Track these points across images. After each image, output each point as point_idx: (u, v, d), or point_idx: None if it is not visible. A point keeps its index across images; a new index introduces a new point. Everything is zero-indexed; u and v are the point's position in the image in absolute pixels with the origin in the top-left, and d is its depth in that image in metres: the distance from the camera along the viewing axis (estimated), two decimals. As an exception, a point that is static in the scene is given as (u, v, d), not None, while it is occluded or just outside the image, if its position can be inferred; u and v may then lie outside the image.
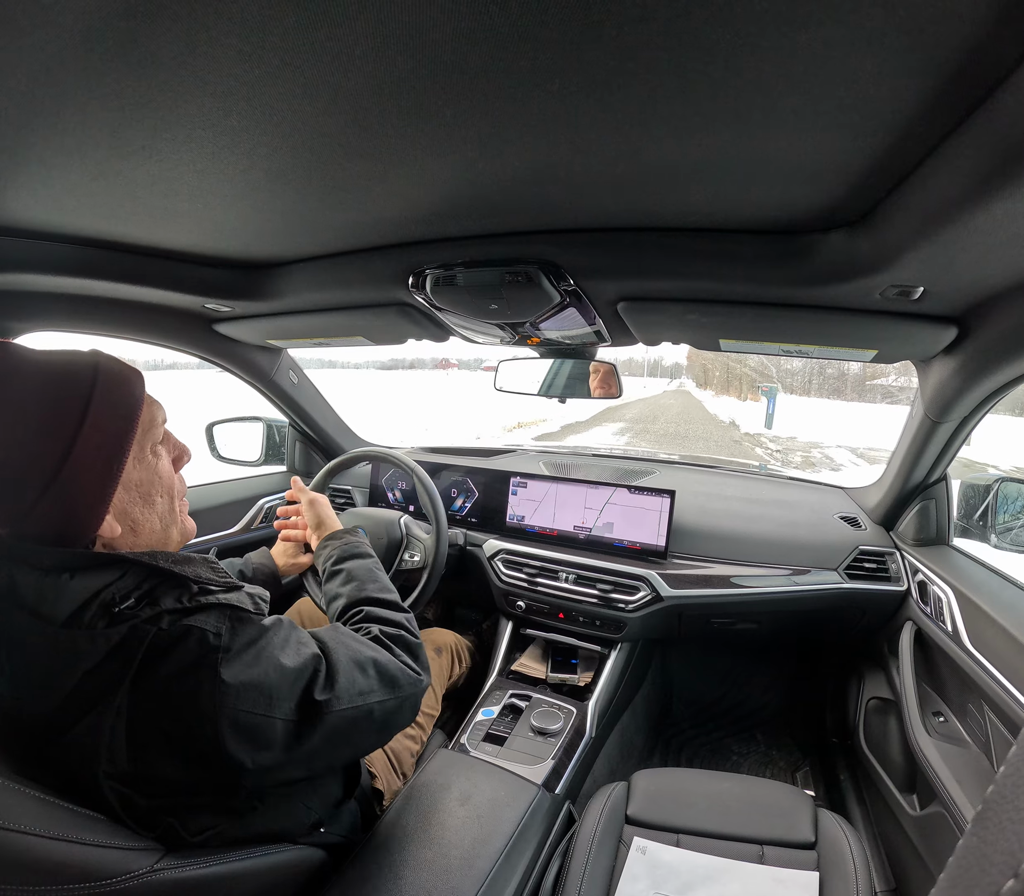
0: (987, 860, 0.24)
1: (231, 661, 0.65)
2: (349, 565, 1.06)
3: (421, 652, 0.93)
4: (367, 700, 0.78)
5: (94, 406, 0.66)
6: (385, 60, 0.50)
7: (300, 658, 0.73)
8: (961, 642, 1.18)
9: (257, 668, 0.67)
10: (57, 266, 1.11)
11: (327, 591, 1.05)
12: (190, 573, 0.70)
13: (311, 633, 0.82)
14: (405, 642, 0.91)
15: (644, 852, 1.01)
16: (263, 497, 1.99)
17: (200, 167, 0.74)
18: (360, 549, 1.11)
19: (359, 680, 0.78)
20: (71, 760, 0.62)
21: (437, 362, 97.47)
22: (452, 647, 1.66)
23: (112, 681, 0.62)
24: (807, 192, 0.74)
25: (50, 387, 0.65)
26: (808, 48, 0.46)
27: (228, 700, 0.64)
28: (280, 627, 0.75)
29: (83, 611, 0.63)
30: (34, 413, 0.64)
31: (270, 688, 0.68)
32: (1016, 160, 0.52)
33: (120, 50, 0.49)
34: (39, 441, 0.63)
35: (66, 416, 0.64)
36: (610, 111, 0.57)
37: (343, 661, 0.78)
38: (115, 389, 0.68)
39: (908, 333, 1.04)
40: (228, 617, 0.69)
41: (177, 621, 0.65)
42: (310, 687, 0.72)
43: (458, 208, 0.88)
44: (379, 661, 0.83)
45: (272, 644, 0.71)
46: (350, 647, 0.82)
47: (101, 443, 0.66)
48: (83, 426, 0.65)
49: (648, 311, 1.14)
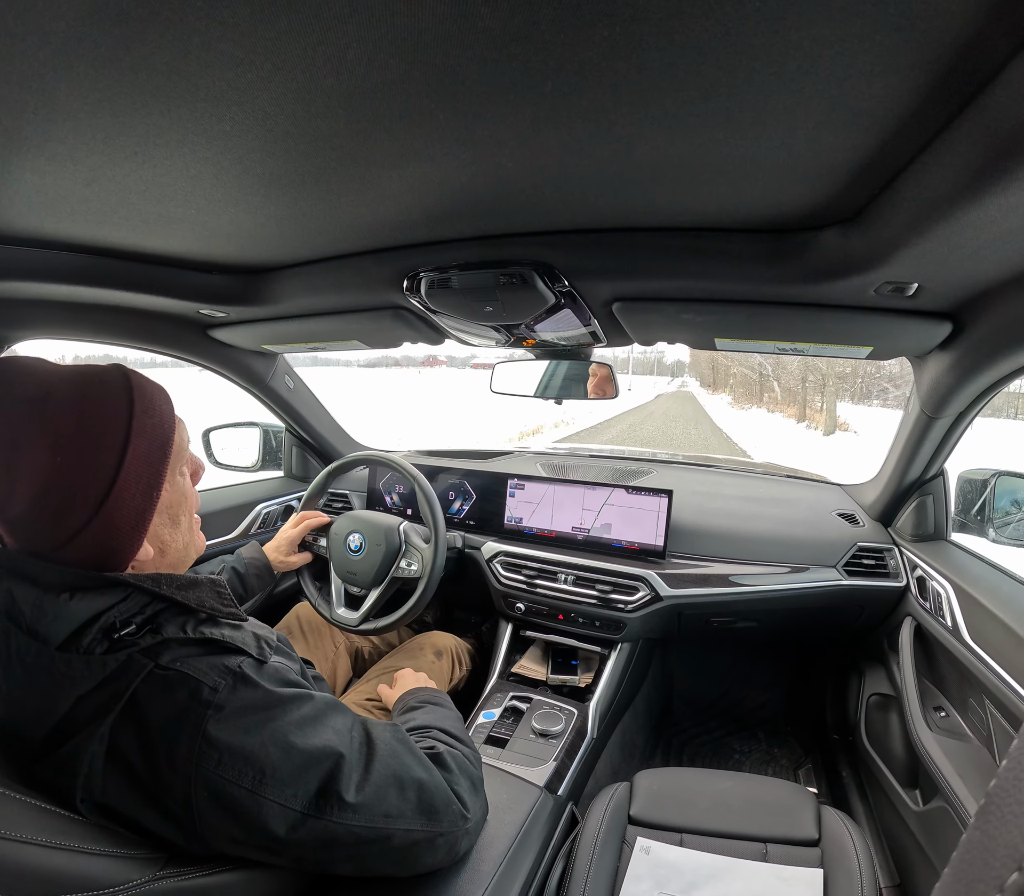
0: (991, 854, 0.24)
1: (221, 721, 0.60)
2: (434, 707, 1.04)
3: (481, 788, 0.86)
4: (390, 825, 0.69)
5: (136, 422, 0.65)
6: (377, 63, 0.50)
7: (322, 743, 0.66)
8: (961, 637, 1.18)
9: (253, 738, 0.62)
10: (51, 273, 1.11)
11: (404, 718, 0.99)
12: (193, 601, 0.67)
13: (364, 722, 0.74)
14: (469, 771, 0.83)
15: (648, 852, 1.01)
16: (260, 503, 1.99)
17: (193, 172, 0.74)
18: (450, 703, 1.08)
19: (391, 799, 0.69)
20: (55, 781, 0.60)
21: (424, 359, 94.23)
22: (452, 650, 1.66)
23: (102, 709, 0.59)
24: (800, 190, 0.74)
25: (91, 389, 0.64)
26: (799, 46, 0.46)
27: (208, 761, 0.59)
28: (307, 703, 0.68)
29: (81, 634, 0.61)
30: (80, 427, 0.62)
31: (264, 764, 0.61)
32: (1008, 155, 0.52)
33: (112, 56, 0.49)
34: (90, 454, 0.62)
35: (113, 429, 0.63)
36: (602, 111, 0.57)
37: (383, 772, 0.69)
38: (150, 408, 0.67)
39: (903, 329, 1.05)
40: (231, 673, 0.64)
41: (176, 661, 0.62)
42: (330, 781, 0.65)
43: (452, 210, 0.88)
44: (425, 785, 0.73)
45: (286, 718, 0.65)
46: (400, 759, 0.73)
47: (145, 460, 0.65)
48: (129, 439, 0.64)
49: (643, 311, 1.15)
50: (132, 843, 0.61)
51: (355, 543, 1.51)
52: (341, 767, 0.66)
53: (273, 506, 2.03)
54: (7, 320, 1.26)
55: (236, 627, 0.71)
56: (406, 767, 0.73)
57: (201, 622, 0.67)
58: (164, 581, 0.66)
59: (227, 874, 0.66)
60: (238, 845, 0.64)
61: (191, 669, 0.62)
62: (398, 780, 0.71)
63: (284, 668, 0.72)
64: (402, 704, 1.08)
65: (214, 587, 0.71)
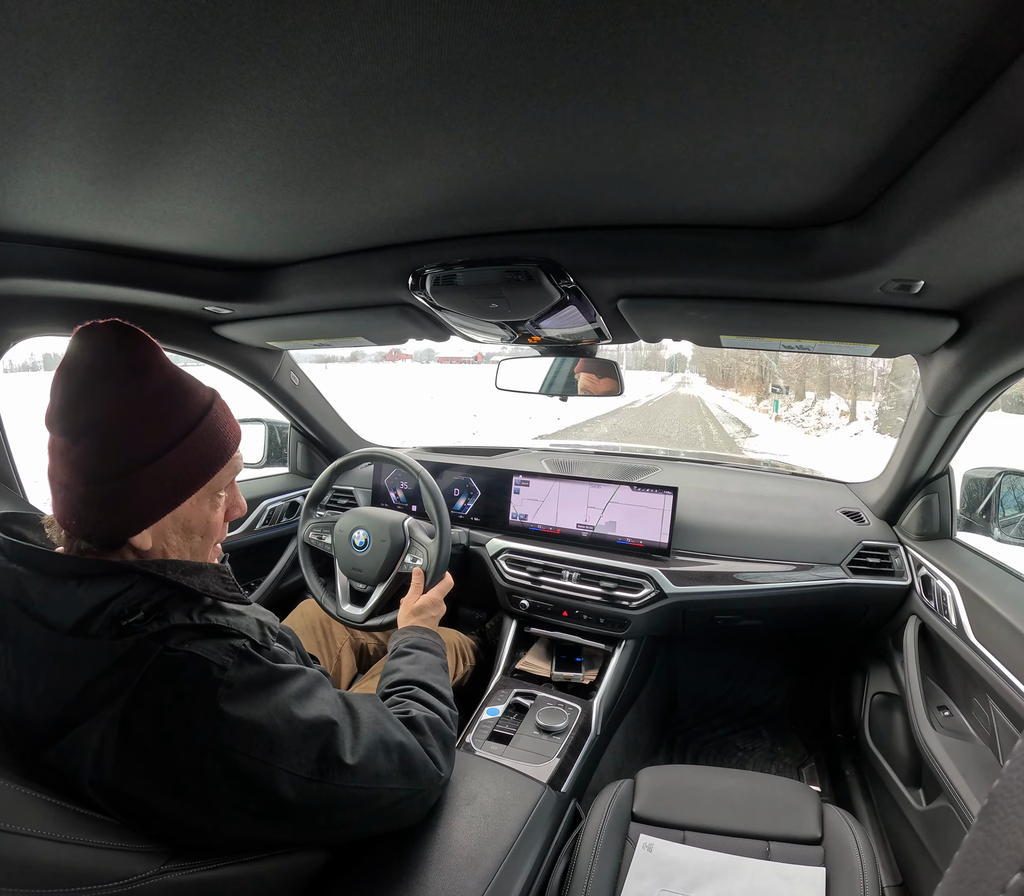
0: (994, 854, 0.24)
1: (232, 697, 0.63)
2: (421, 653, 1.08)
3: (453, 746, 0.92)
4: (379, 785, 0.75)
5: (193, 435, 0.69)
6: (382, 60, 0.50)
7: (317, 713, 0.70)
8: (965, 636, 1.18)
9: (261, 710, 0.65)
10: (56, 270, 1.11)
11: (389, 665, 1.05)
12: (198, 585, 0.69)
13: (345, 695, 0.79)
14: (442, 732, 0.89)
15: (650, 849, 1.01)
16: (266, 499, 1.99)
17: (198, 169, 0.74)
18: (438, 648, 1.12)
19: (380, 761, 0.75)
20: (64, 766, 0.61)
21: (387, 353, 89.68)
22: (456, 646, 1.66)
23: (112, 693, 0.61)
24: (806, 187, 0.74)
25: (180, 387, 0.70)
26: (806, 43, 0.46)
27: (222, 736, 0.62)
28: (301, 677, 0.72)
29: (90, 619, 0.62)
30: (167, 398, 0.68)
31: (272, 734, 0.65)
32: (1015, 152, 0.52)
33: (117, 54, 0.49)
34: (165, 419, 0.67)
35: (168, 431, 0.68)
36: (607, 108, 0.57)
37: (370, 737, 0.75)
38: (213, 430, 0.72)
39: (909, 327, 1.04)
40: (237, 651, 0.66)
41: (183, 643, 0.63)
42: (327, 747, 0.69)
43: (457, 207, 0.88)
44: (406, 747, 0.80)
45: (286, 691, 0.68)
46: (382, 724, 0.78)
47: (183, 469, 0.69)
48: (191, 433, 0.69)
49: (648, 308, 1.14)
50: (137, 837, 0.61)
51: (360, 539, 1.52)
52: (336, 734, 0.71)
53: (278, 502, 2.04)
54: (12, 317, 1.27)
55: (240, 614, 0.72)
56: (388, 732, 0.78)
57: (207, 608, 0.69)
58: (170, 567, 0.68)
59: (231, 868, 0.67)
60: (247, 815, 0.65)
61: (199, 649, 0.64)
62: (384, 744, 0.76)
63: (283, 652, 0.75)
64: (394, 645, 1.13)
65: (218, 573, 0.73)
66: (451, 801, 0.96)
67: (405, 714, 0.88)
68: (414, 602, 1.29)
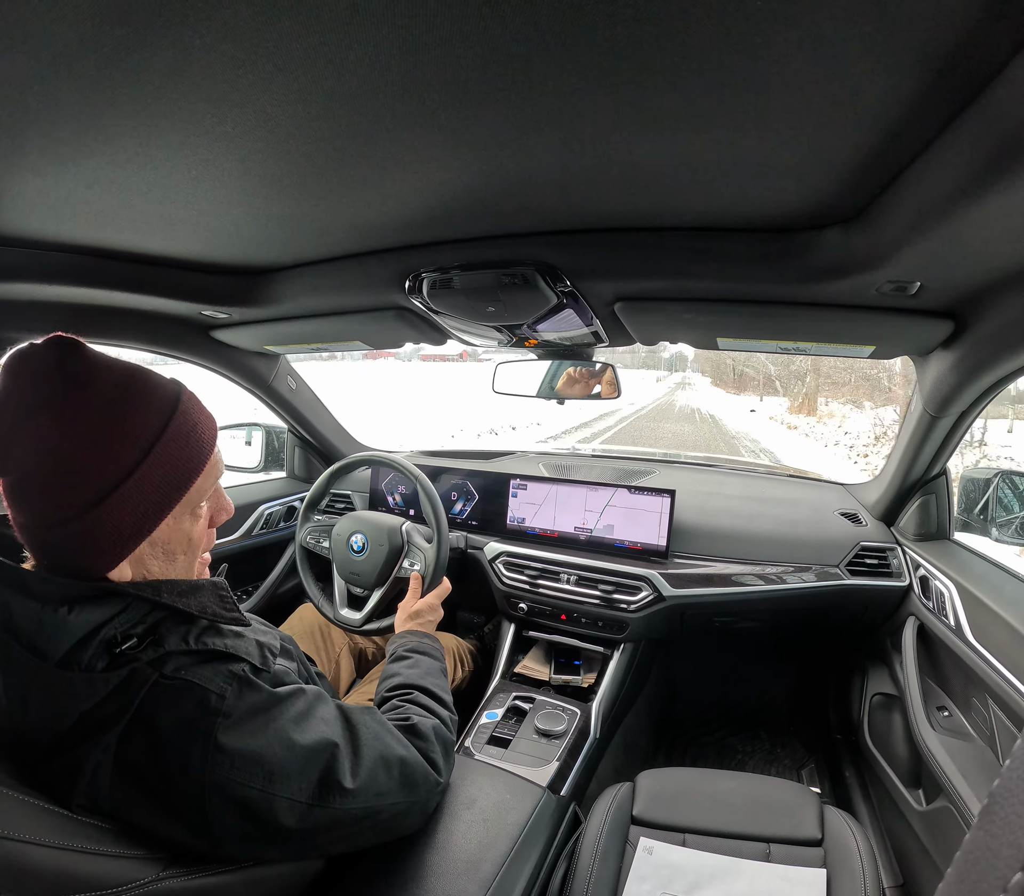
0: (994, 854, 0.24)
1: (230, 728, 0.61)
2: (421, 657, 1.07)
3: (452, 751, 0.91)
4: (381, 801, 0.74)
5: (159, 448, 0.63)
6: (379, 64, 0.50)
7: (318, 737, 0.68)
8: (964, 636, 1.18)
9: (260, 739, 0.63)
10: (53, 275, 1.11)
11: (388, 669, 1.04)
12: (195, 607, 0.66)
13: (343, 708, 0.77)
14: (443, 737, 0.88)
15: (651, 852, 1.01)
16: (263, 503, 1.99)
17: (195, 174, 0.74)
18: (437, 652, 1.12)
19: (380, 779, 0.73)
20: (61, 783, 0.59)
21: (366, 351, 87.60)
22: (454, 651, 1.66)
23: (107, 720, 0.59)
24: (801, 190, 0.74)
25: (133, 394, 0.63)
26: (801, 46, 0.46)
27: (221, 768, 0.60)
28: (299, 698, 0.69)
29: (81, 649, 0.59)
30: (115, 417, 0.61)
31: (272, 763, 0.63)
32: (1010, 154, 0.52)
33: (114, 57, 0.49)
34: (99, 457, 0.60)
35: (131, 444, 0.62)
36: (604, 112, 0.57)
37: (371, 755, 0.73)
38: (182, 436, 0.65)
39: (905, 328, 1.05)
40: (236, 678, 0.64)
41: (180, 670, 0.61)
42: (328, 771, 0.68)
43: (453, 211, 0.88)
44: (407, 761, 0.78)
45: (285, 716, 0.66)
46: (382, 740, 0.77)
47: (152, 490, 0.63)
48: (141, 463, 0.62)
49: (645, 311, 1.15)
50: (136, 843, 0.61)
51: (358, 544, 1.51)
52: (336, 756, 0.69)
53: (276, 507, 2.03)
54: (9, 322, 1.26)
55: (239, 635, 0.70)
56: (388, 747, 0.77)
57: (203, 631, 0.66)
58: (165, 588, 0.65)
59: (230, 874, 0.66)
60: (248, 840, 0.65)
61: (196, 677, 0.62)
62: (384, 760, 0.75)
63: (283, 671, 0.73)
64: (392, 649, 1.12)
65: (216, 590, 0.70)
66: (450, 805, 0.96)
67: (405, 720, 0.87)
68: (412, 606, 1.29)
